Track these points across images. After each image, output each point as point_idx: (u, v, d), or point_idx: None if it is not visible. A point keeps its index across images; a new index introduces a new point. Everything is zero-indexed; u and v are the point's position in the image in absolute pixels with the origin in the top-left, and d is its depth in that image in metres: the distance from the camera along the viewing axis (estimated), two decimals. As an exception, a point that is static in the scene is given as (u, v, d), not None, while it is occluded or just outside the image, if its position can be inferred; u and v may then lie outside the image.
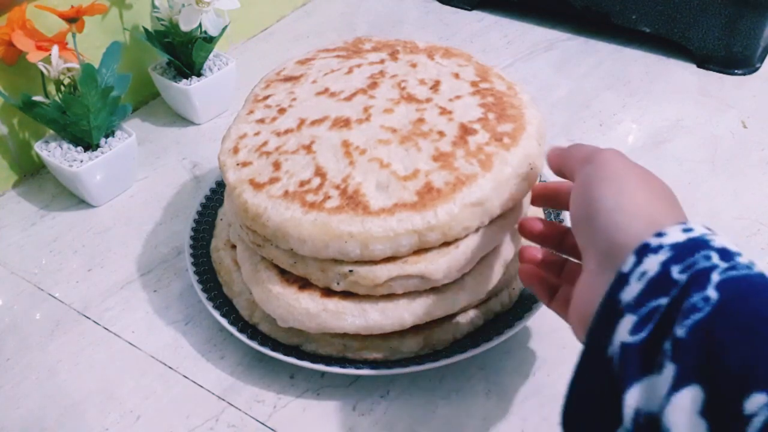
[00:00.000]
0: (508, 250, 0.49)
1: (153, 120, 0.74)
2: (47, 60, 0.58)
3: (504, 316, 0.50)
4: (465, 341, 0.48)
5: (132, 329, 0.53)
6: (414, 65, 0.54)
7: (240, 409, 0.48)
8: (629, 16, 0.80)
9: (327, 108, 0.51)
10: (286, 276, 0.47)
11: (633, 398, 0.27)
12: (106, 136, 0.63)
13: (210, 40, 0.69)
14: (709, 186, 0.64)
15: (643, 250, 0.29)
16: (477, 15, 0.89)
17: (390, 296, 0.45)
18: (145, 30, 0.70)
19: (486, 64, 0.55)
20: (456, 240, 0.44)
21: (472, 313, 0.49)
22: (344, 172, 0.45)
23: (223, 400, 0.48)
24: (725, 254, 0.28)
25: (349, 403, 0.48)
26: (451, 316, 0.48)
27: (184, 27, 0.66)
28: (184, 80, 0.71)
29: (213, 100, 0.73)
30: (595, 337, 0.29)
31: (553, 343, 0.50)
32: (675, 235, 0.29)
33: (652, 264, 0.28)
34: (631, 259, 0.29)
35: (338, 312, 0.45)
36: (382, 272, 0.44)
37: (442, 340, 0.48)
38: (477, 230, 0.45)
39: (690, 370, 0.25)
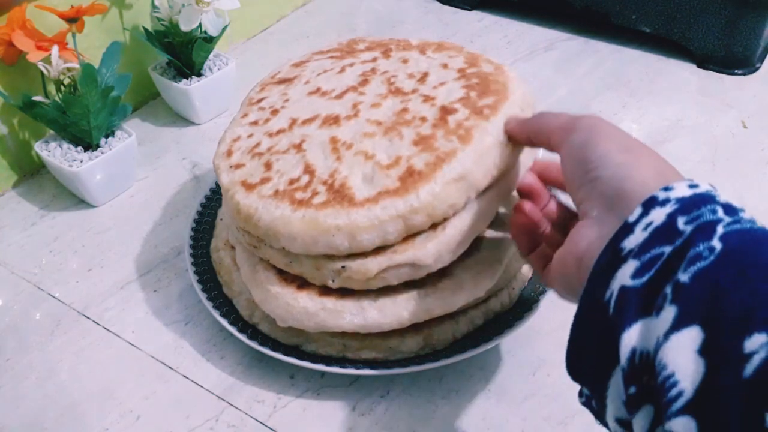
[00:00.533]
0: (507, 250, 0.49)
1: (153, 120, 0.74)
2: (47, 60, 0.58)
3: (504, 316, 0.50)
4: (465, 341, 0.48)
5: (132, 329, 0.53)
6: (405, 61, 0.54)
7: (240, 409, 0.48)
8: (629, 16, 0.80)
9: (318, 107, 0.51)
10: (284, 276, 0.47)
11: (630, 338, 0.27)
12: (106, 136, 0.63)
13: (210, 40, 0.69)
14: (709, 186, 0.63)
15: (651, 203, 0.29)
16: (477, 15, 0.89)
17: (388, 294, 0.45)
18: (145, 30, 0.70)
19: (477, 53, 0.54)
20: (445, 220, 0.44)
21: (472, 313, 0.49)
22: (331, 168, 0.45)
23: (223, 400, 0.48)
24: (730, 209, 0.29)
25: (349, 403, 0.48)
26: (451, 316, 0.48)
27: (184, 27, 0.66)
28: (184, 80, 0.71)
29: (213, 100, 0.73)
30: (596, 282, 0.30)
31: (553, 343, 0.50)
32: (682, 190, 0.29)
33: (658, 215, 0.29)
34: (637, 210, 0.30)
35: (336, 310, 0.45)
36: (373, 265, 0.44)
37: (442, 340, 0.48)
38: (465, 207, 0.44)
39: (691, 312, 0.26)
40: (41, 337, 0.53)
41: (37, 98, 0.59)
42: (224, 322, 0.50)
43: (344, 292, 0.45)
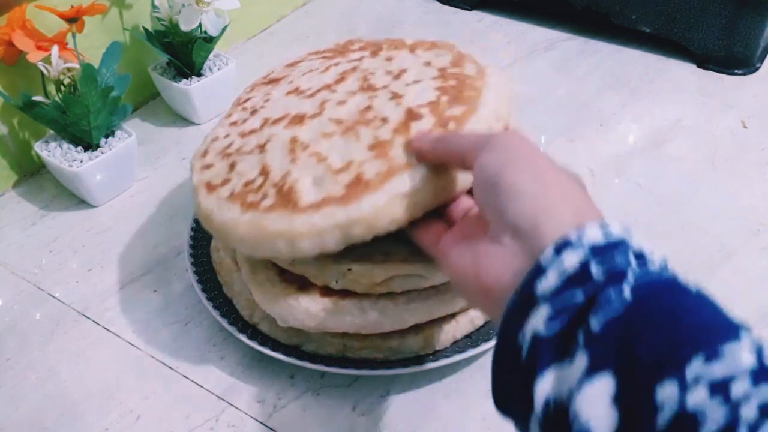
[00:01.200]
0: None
1: (153, 120, 0.74)
2: (47, 60, 0.58)
3: (504, 316, 0.50)
4: (465, 341, 0.48)
5: (132, 329, 0.53)
6: (390, 59, 0.52)
7: (240, 409, 0.48)
8: (629, 16, 0.80)
9: (290, 106, 0.50)
10: (285, 276, 0.47)
11: (543, 386, 0.27)
12: (106, 136, 0.63)
13: (210, 40, 0.69)
14: (709, 186, 0.63)
15: (563, 245, 0.29)
16: (477, 15, 0.89)
17: (389, 295, 0.45)
18: (145, 30, 0.70)
19: (468, 53, 0.52)
20: (387, 233, 0.41)
21: (472, 313, 0.49)
22: (285, 169, 0.44)
23: (223, 400, 0.48)
24: (641, 257, 0.28)
25: (349, 403, 0.48)
26: (451, 316, 0.48)
27: (184, 27, 0.66)
28: (184, 80, 0.71)
29: (213, 100, 0.73)
30: (509, 324, 0.30)
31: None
32: (594, 233, 0.29)
33: (571, 259, 0.28)
34: (549, 252, 0.29)
35: (338, 311, 0.45)
36: (380, 271, 0.43)
37: (442, 340, 0.48)
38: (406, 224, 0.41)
39: (603, 358, 0.26)
40: (41, 337, 0.53)
41: (37, 98, 0.59)
42: (224, 322, 0.50)
43: (345, 293, 0.45)
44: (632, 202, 0.62)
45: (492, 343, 0.48)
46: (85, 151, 0.62)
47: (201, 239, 0.56)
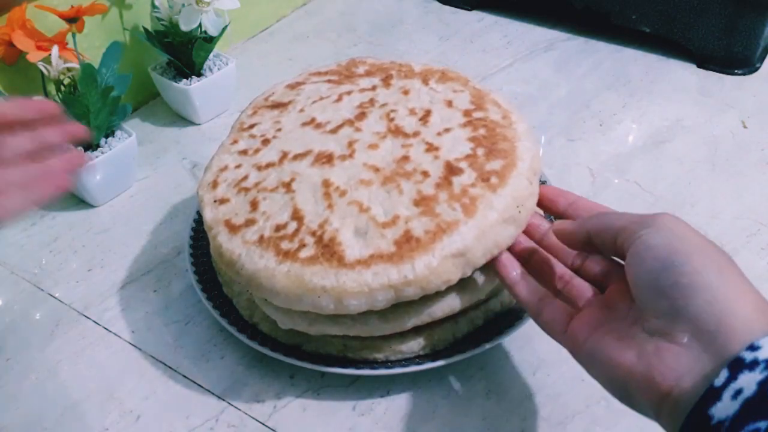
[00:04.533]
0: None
1: (153, 120, 0.74)
2: (47, 60, 0.58)
3: (504, 316, 0.50)
4: (465, 341, 0.48)
5: (132, 329, 0.53)
6: (406, 92, 0.51)
7: (240, 409, 0.48)
8: (629, 16, 0.80)
9: (311, 140, 0.48)
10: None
11: None
12: (106, 136, 0.63)
13: (210, 40, 0.69)
14: (709, 186, 0.63)
15: (737, 365, 0.27)
16: (477, 15, 0.89)
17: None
18: (145, 30, 0.70)
19: (483, 88, 0.52)
20: (437, 293, 0.42)
21: (472, 314, 0.49)
22: (322, 216, 0.43)
23: (223, 400, 0.48)
24: None
25: (349, 403, 0.48)
26: (451, 316, 0.48)
27: (184, 27, 0.66)
28: (184, 80, 0.71)
29: (213, 100, 0.73)
30: None
31: (553, 343, 0.49)
32: None
33: (748, 382, 0.27)
34: (723, 374, 0.28)
35: (338, 314, 0.45)
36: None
37: (442, 340, 0.48)
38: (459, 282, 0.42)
39: None
40: (41, 337, 0.53)
41: (37, 98, 0.59)
42: (224, 322, 0.50)
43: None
44: (632, 202, 0.62)
45: (492, 343, 0.47)
46: (85, 151, 0.62)
47: (201, 239, 0.56)
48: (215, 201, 0.47)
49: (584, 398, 0.47)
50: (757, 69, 0.78)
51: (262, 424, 0.47)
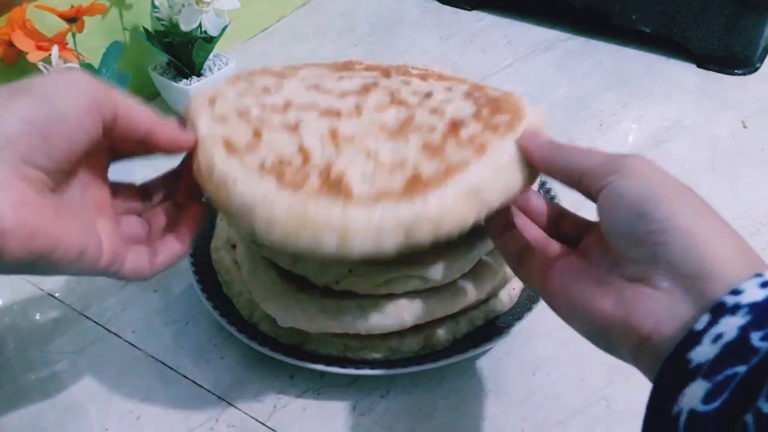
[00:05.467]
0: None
1: (153, 120, 0.74)
2: (47, 60, 0.58)
3: (504, 316, 0.50)
4: (465, 341, 0.48)
5: (132, 329, 0.53)
6: (407, 83, 0.48)
7: (240, 409, 0.48)
8: (629, 16, 0.80)
9: (317, 99, 0.44)
10: (286, 276, 0.47)
11: None
12: (106, 136, 0.63)
13: (210, 40, 0.69)
14: (709, 186, 0.63)
15: (719, 310, 0.27)
16: (477, 15, 0.89)
17: (389, 296, 0.45)
18: (145, 30, 0.70)
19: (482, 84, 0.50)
20: (449, 239, 0.37)
21: (472, 314, 0.49)
22: (329, 157, 0.39)
23: (223, 400, 0.48)
24: None
25: (349, 403, 0.48)
26: (451, 316, 0.48)
27: (184, 27, 0.66)
28: (184, 80, 0.71)
29: (213, 100, 0.73)
30: (663, 392, 0.27)
31: (553, 343, 0.50)
32: (753, 293, 0.26)
33: (729, 326, 0.26)
34: (704, 318, 0.27)
35: (338, 312, 0.45)
36: (380, 273, 0.43)
37: (442, 340, 0.48)
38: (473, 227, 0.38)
39: None
40: (41, 337, 0.53)
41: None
42: (224, 322, 0.50)
43: (346, 294, 0.45)
44: (632, 202, 0.62)
45: (492, 343, 0.48)
46: (85, 151, 0.62)
47: (201, 239, 0.56)
48: (214, 117, 0.41)
49: (584, 398, 0.47)
50: (757, 69, 0.78)
51: (262, 424, 0.47)
